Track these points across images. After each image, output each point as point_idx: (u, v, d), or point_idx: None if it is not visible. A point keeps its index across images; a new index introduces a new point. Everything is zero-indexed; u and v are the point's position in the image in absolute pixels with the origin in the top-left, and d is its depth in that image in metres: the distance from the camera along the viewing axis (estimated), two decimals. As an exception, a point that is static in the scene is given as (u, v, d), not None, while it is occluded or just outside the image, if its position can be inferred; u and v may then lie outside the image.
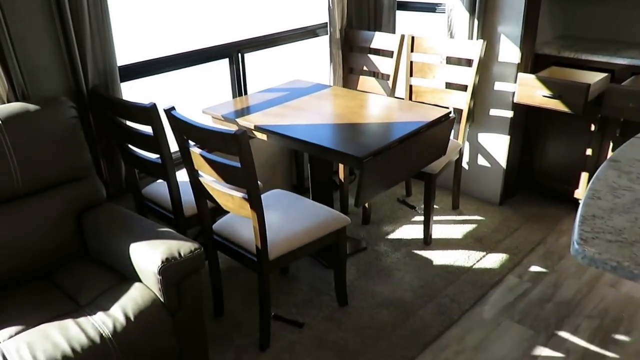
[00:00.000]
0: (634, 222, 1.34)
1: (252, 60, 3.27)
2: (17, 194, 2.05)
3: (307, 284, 2.87)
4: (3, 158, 1.97)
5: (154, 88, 2.92)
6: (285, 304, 2.71)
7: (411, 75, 3.38)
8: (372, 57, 3.44)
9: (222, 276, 2.60)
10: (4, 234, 2.01)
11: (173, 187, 2.37)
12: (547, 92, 3.01)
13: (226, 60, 3.10)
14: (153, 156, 2.39)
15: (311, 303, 2.73)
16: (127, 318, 1.80)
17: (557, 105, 3.01)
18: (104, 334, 1.75)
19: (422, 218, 3.31)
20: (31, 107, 2.07)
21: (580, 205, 1.43)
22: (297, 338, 2.51)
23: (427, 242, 3.16)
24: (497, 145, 3.43)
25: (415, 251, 3.12)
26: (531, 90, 3.07)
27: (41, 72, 2.26)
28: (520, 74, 3.11)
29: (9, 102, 2.12)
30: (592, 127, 3.23)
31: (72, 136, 2.15)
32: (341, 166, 3.05)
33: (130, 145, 2.47)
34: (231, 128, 2.47)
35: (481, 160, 3.53)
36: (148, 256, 1.89)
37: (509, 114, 3.32)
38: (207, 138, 2.09)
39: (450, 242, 3.20)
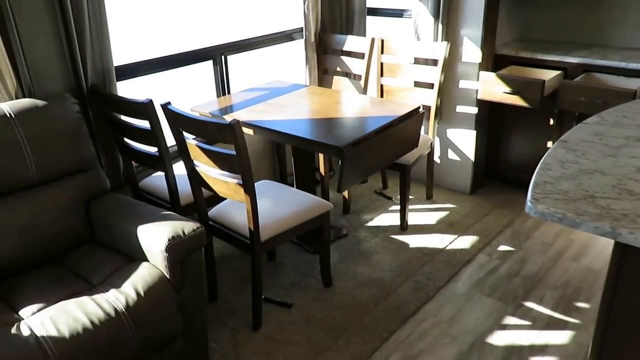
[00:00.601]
0: (578, 186, 1.59)
1: (234, 62, 3.47)
2: (32, 182, 2.21)
3: (294, 268, 3.07)
4: (19, 149, 2.14)
5: (143, 88, 3.09)
6: (274, 288, 2.90)
7: (382, 75, 3.63)
8: (344, 58, 3.68)
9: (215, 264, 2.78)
10: (22, 219, 2.16)
11: (170, 177, 2.55)
12: (507, 89, 3.29)
13: (210, 62, 3.29)
14: (150, 149, 2.56)
15: (298, 285, 2.93)
16: (137, 294, 1.97)
17: (516, 100, 3.29)
18: (117, 309, 1.91)
19: (398, 207, 3.54)
20: (40, 102, 2.24)
21: (534, 175, 1.68)
22: (287, 317, 2.70)
23: (404, 227, 3.40)
24: (465, 140, 3.70)
25: (393, 236, 3.35)
26: (492, 87, 3.35)
27: (45, 72, 2.43)
28: (482, 73, 3.38)
29: (16, 98, 2.28)
30: (551, 121, 3.52)
31: (78, 130, 2.32)
32: (322, 162, 3.27)
33: (128, 140, 2.64)
34: (209, 118, 2.66)
35: (451, 154, 3.80)
36: (155, 236, 2.07)
37: (474, 110, 3.59)
38: (203, 129, 2.28)
39: (425, 227, 3.45)
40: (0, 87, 2.24)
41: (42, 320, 1.83)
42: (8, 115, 2.15)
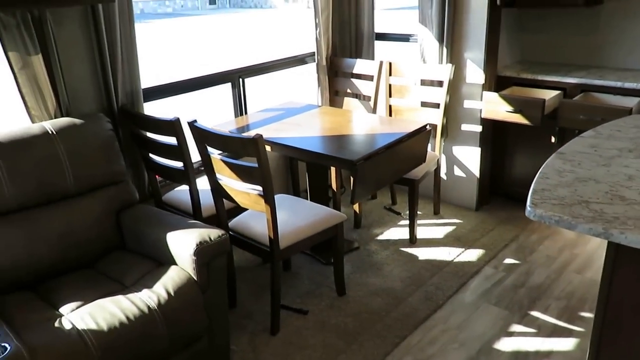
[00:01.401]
0: (574, 192, 1.74)
1: (250, 84, 3.69)
2: (69, 193, 2.41)
3: (308, 278, 3.22)
4: (59, 163, 2.34)
5: (164, 108, 3.30)
6: (290, 296, 3.05)
7: (390, 95, 3.83)
8: (354, 81, 3.89)
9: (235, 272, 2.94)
10: (60, 226, 2.35)
11: (194, 190, 2.72)
12: (509, 108, 3.47)
13: (228, 85, 3.51)
14: (176, 164, 2.74)
15: (313, 294, 3.08)
16: (168, 293, 2.13)
17: (518, 118, 3.47)
18: (150, 306, 2.08)
19: (407, 222, 3.70)
20: (77, 121, 2.45)
21: (533, 183, 1.84)
22: (303, 323, 2.84)
23: (413, 241, 3.55)
24: (470, 157, 3.87)
25: (402, 249, 3.50)
26: (495, 106, 3.53)
27: (81, 93, 2.65)
28: (485, 92, 3.57)
29: (55, 117, 2.49)
30: (552, 139, 3.69)
31: (110, 146, 2.52)
32: (333, 178, 3.45)
33: (154, 156, 2.83)
34: (234, 134, 2.84)
35: (457, 171, 3.97)
36: (183, 241, 2.24)
37: (478, 128, 3.77)
38: (227, 144, 2.47)
39: (433, 241, 3.60)
40: (42, 107, 2.46)
41: (81, 316, 1.99)
42: (50, 132, 2.36)
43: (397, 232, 3.71)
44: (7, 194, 2.22)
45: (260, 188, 2.45)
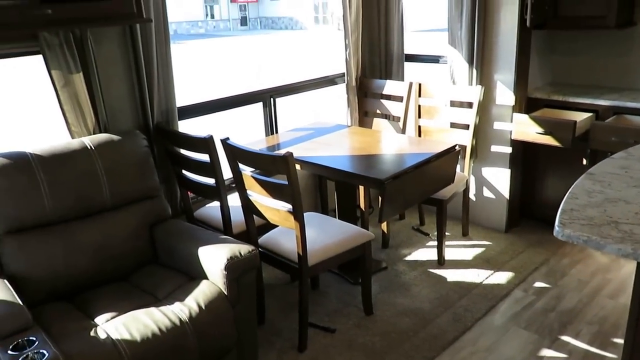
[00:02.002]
0: (603, 212, 1.74)
1: (280, 104, 3.75)
2: (106, 207, 2.49)
3: (336, 297, 3.23)
4: (97, 177, 2.43)
5: (196, 126, 3.37)
6: (318, 314, 3.06)
7: (419, 116, 3.85)
8: (384, 101, 3.93)
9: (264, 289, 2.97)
10: (96, 239, 2.42)
11: (225, 206, 2.78)
12: (540, 129, 3.46)
13: (260, 104, 3.58)
14: (208, 181, 2.80)
15: (340, 312, 3.08)
16: (199, 306, 2.17)
17: (549, 140, 3.45)
18: (182, 319, 2.12)
19: (435, 243, 3.69)
20: (115, 137, 2.53)
21: (562, 203, 1.84)
22: (330, 341, 2.85)
23: (441, 262, 3.54)
24: (500, 179, 3.85)
25: (431, 270, 3.49)
26: (526, 128, 3.52)
27: (119, 111, 2.75)
28: (515, 114, 3.57)
29: (94, 133, 2.58)
30: (584, 161, 3.65)
31: (146, 162, 2.60)
32: (362, 198, 3.47)
33: (186, 172, 2.90)
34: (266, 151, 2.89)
35: (486, 192, 3.95)
36: (215, 256, 2.28)
37: (508, 149, 3.76)
38: (258, 161, 2.52)
39: (462, 262, 3.58)
40: (82, 123, 2.55)
41: (116, 326, 2.05)
42: (89, 148, 2.45)
43: (426, 253, 3.70)
44: (48, 206, 2.31)
45: (290, 205, 2.48)
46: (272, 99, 3.60)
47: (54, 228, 2.35)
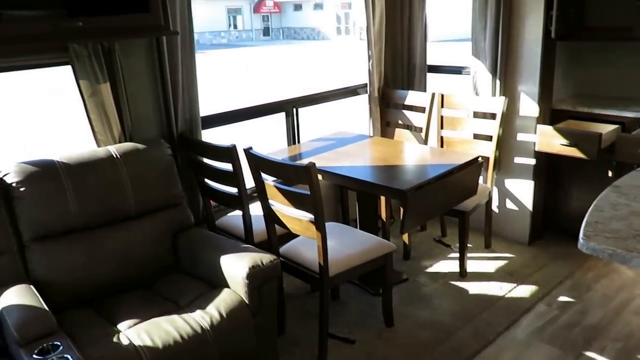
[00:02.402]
0: (629, 226, 1.71)
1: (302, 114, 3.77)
2: (130, 215, 2.53)
3: (356, 308, 3.22)
4: (122, 185, 2.47)
5: (217, 136, 3.41)
6: (338, 325, 3.05)
7: (442, 127, 3.83)
8: (406, 112, 3.92)
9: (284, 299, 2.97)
10: (120, 246, 2.46)
11: (247, 216, 2.79)
12: (565, 141, 3.41)
13: (282, 114, 3.60)
14: (230, 190, 2.82)
15: (360, 324, 3.07)
16: (220, 315, 2.19)
17: (574, 152, 3.40)
18: (203, 326, 2.14)
19: (457, 255, 3.65)
20: (140, 146, 2.58)
21: (586, 215, 1.81)
22: (350, 353, 2.83)
23: (463, 274, 3.51)
24: (523, 190, 3.81)
25: (452, 282, 3.46)
26: (550, 140, 3.48)
27: (144, 120, 2.79)
28: (539, 126, 3.53)
29: (120, 142, 2.62)
30: (610, 173, 3.60)
31: (170, 170, 2.64)
32: (383, 209, 3.46)
33: (209, 181, 2.92)
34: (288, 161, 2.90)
35: (509, 204, 3.91)
36: (236, 265, 2.30)
37: (532, 161, 3.73)
38: (281, 171, 2.53)
39: (484, 275, 3.54)
40: (108, 132, 2.60)
41: (138, 332, 2.07)
42: (114, 156, 2.49)
43: (447, 265, 3.67)
44: (73, 213, 2.35)
45: (312, 215, 2.49)
46: (294, 109, 3.62)
47: (79, 235, 2.39)
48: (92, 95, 2.52)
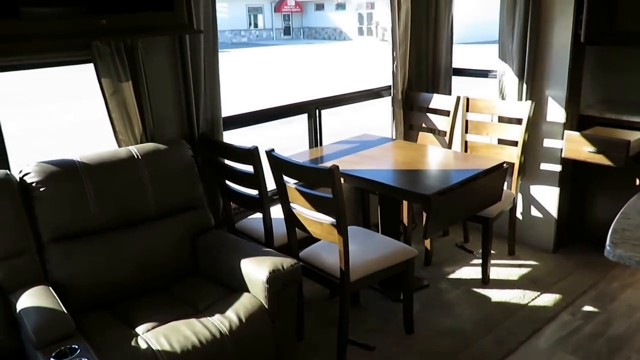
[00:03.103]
0: (657, 235, 1.66)
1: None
2: (150, 216, 2.50)
3: (376, 313, 3.17)
4: (142, 186, 2.45)
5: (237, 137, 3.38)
6: (357, 331, 3.00)
7: (466, 132, 3.76)
8: (430, 115, 3.86)
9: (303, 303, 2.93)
10: (139, 248, 2.43)
11: (267, 218, 2.76)
12: (592, 148, 3.33)
13: (305, 116, 3.57)
14: (251, 192, 2.79)
15: (380, 330, 3.02)
16: (239, 319, 2.16)
17: (601, 159, 3.32)
18: (222, 331, 2.11)
19: (479, 261, 3.59)
20: (161, 147, 2.55)
21: (613, 223, 1.75)
22: (369, 359, 2.79)
23: (485, 281, 3.44)
24: (548, 197, 3.73)
25: (474, 289, 3.39)
26: (577, 146, 3.39)
27: (165, 120, 2.77)
28: (567, 132, 3.45)
29: (141, 142, 2.60)
30: (637, 181, 3.51)
31: (190, 171, 2.61)
32: (405, 213, 3.41)
33: (230, 183, 2.89)
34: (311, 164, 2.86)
35: (534, 211, 3.83)
36: (257, 269, 2.27)
37: (558, 168, 3.64)
38: (303, 173, 2.49)
39: (507, 282, 3.47)
40: (129, 132, 2.58)
41: (156, 336, 2.05)
42: (135, 157, 2.47)
43: (469, 271, 3.60)
44: (93, 214, 2.33)
45: (333, 219, 2.45)
46: (317, 111, 3.58)
47: (98, 236, 2.37)
48: (114, 94, 2.50)
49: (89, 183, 2.31)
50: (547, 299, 3.27)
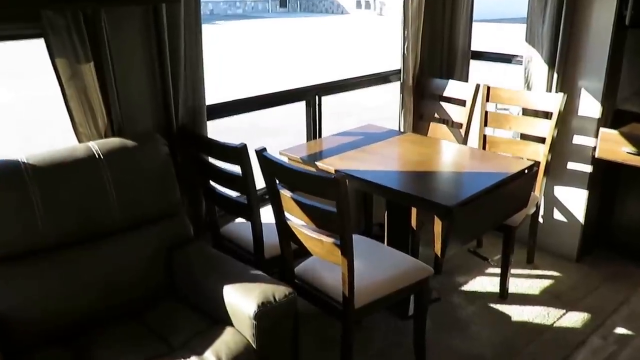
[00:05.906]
0: None
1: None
2: (115, 228, 2.06)
3: (382, 334, 2.77)
4: (104, 192, 1.99)
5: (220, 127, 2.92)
6: (360, 354, 2.60)
7: (485, 125, 3.32)
8: (444, 104, 3.41)
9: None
10: (102, 268, 2.01)
11: (257, 227, 2.33)
12: (632, 149, 2.91)
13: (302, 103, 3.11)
14: (236, 195, 2.36)
15: (386, 354, 2.63)
16: (219, 363, 1.74)
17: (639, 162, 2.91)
18: (197, 379, 1.69)
19: (495, 270, 3.20)
20: (129, 143, 2.09)
21: None
22: (375, 393, 2.40)
23: (504, 296, 3.04)
24: (575, 200, 3.32)
25: (491, 305, 3.00)
26: (614, 146, 2.97)
27: (136, 108, 2.30)
28: (602, 129, 3.02)
29: (106, 136, 2.14)
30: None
31: (165, 173, 2.16)
32: (413, 215, 2.99)
33: (214, 184, 2.46)
34: (311, 170, 2.43)
35: (557, 215, 3.43)
36: (243, 299, 1.85)
37: (588, 168, 3.23)
38: (302, 181, 2.05)
39: (527, 297, 3.08)
40: (91, 124, 2.12)
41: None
42: (96, 156, 2.01)
43: (484, 282, 3.20)
44: (42, 228, 1.88)
45: (336, 237, 2.02)
46: (317, 97, 3.12)
47: (50, 255, 1.93)
48: (72, 78, 2.03)
49: (36, 190, 1.85)
50: (574, 319, 2.89)
